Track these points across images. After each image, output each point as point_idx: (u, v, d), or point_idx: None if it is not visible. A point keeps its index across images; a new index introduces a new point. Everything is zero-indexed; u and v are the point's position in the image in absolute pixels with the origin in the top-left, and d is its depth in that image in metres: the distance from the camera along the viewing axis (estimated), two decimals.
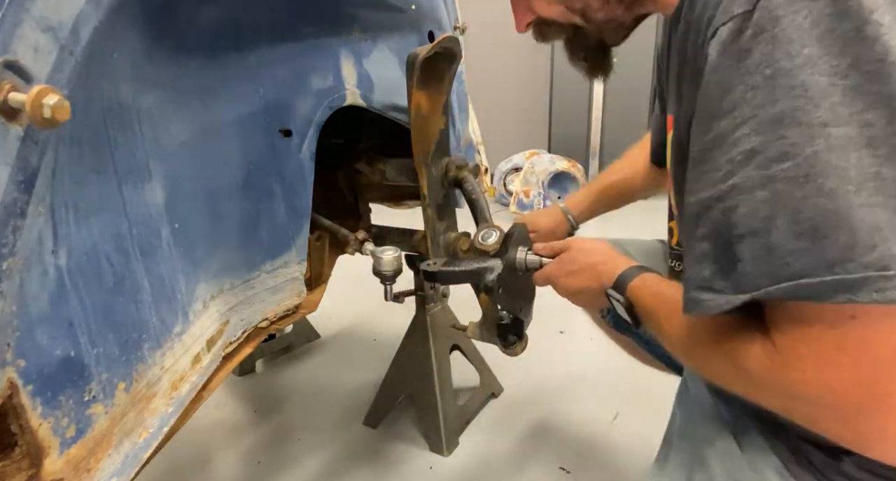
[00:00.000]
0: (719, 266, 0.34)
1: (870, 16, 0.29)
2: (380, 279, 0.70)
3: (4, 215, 0.31)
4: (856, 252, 0.28)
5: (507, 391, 1.15)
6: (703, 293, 0.35)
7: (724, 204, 0.34)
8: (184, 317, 0.49)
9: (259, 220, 0.59)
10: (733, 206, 0.33)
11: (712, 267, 0.35)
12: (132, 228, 0.44)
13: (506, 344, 0.78)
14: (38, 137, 0.33)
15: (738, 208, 0.33)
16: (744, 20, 0.32)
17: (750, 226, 0.32)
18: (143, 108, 0.45)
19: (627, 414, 1.05)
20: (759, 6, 0.32)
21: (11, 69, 0.30)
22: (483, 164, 1.07)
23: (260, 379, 1.28)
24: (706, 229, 0.35)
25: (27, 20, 0.31)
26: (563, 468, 0.89)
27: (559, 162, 3.34)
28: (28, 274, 0.34)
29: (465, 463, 0.92)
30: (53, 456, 0.36)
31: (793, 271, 0.30)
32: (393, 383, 1.03)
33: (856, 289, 0.28)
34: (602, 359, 1.30)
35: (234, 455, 0.98)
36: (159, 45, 0.46)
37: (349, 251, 0.85)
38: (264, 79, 0.57)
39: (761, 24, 0.32)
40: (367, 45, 0.72)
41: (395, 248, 0.69)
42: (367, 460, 0.94)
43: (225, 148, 0.54)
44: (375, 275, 0.69)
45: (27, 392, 0.34)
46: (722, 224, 0.34)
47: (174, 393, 0.48)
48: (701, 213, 0.36)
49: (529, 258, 0.65)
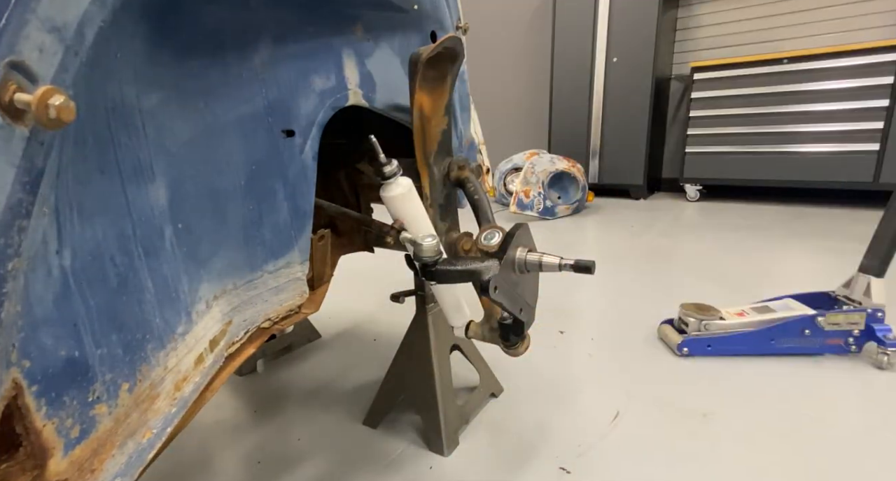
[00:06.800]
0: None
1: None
2: (420, 268, 0.67)
3: (10, 216, 0.31)
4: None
5: (507, 391, 1.16)
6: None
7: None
8: (187, 317, 0.49)
9: (262, 221, 0.59)
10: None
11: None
12: (136, 228, 0.44)
13: (507, 344, 0.78)
14: (44, 138, 0.33)
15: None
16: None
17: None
18: (147, 108, 0.45)
19: (627, 414, 1.05)
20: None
21: (17, 69, 0.30)
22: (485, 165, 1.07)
23: (261, 379, 1.28)
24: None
25: (32, 21, 0.31)
26: (563, 468, 0.89)
27: (559, 162, 3.35)
28: (32, 274, 0.34)
29: (465, 463, 0.92)
30: (58, 457, 0.36)
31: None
32: (393, 383, 1.03)
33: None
34: (602, 359, 1.30)
35: (234, 455, 0.98)
36: (163, 46, 0.46)
37: (388, 242, 0.83)
38: (267, 79, 0.57)
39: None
40: (370, 46, 0.72)
41: (433, 235, 0.68)
42: (367, 460, 0.94)
43: (228, 148, 0.54)
44: (416, 260, 0.66)
45: (32, 393, 0.34)
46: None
47: (177, 393, 0.48)
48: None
49: (529, 258, 0.65)
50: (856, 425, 1.00)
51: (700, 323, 1.31)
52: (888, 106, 2.96)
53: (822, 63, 3.08)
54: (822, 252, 2.25)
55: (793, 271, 1.99)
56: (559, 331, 1.48)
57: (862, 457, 0.90)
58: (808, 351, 1.27)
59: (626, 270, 2.07)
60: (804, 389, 1.13)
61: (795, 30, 3.48)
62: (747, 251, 2.30)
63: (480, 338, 0.84)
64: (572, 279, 1.94)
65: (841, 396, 1.10)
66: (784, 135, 3.28)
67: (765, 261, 2.13)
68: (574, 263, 0.61)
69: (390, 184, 0.70)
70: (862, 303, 1.27)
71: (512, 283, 0.64)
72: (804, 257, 2.18)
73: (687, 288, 1.83)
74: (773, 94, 3.27)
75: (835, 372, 1.20)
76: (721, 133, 3.50)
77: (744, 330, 1.29)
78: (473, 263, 0.62)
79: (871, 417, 1.02)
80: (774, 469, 0.88)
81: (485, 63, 4.97)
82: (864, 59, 2.96)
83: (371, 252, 1.16)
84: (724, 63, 3.38)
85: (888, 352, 1.20)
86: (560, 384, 1.18)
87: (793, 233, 2.62)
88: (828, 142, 3.16)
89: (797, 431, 0.98)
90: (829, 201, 3.54)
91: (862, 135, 3.05)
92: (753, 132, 3.38)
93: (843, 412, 1.04)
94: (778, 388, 1.14)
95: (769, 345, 1.27)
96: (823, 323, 1.24)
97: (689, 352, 1.30)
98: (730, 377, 1.19)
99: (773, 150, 3.33)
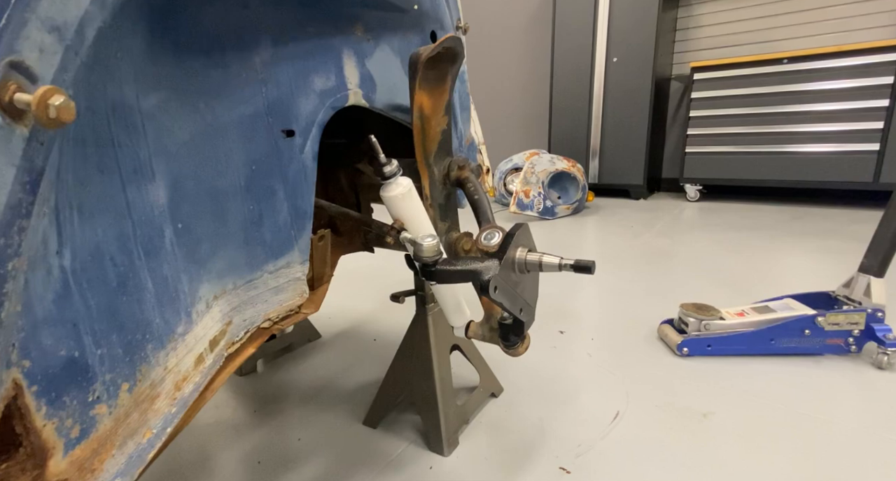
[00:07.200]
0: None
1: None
2: (420, 268, 0.67)
3: (10, 216, 0.31)
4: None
5: (507, 391, 1.16)
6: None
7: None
8: (187, 317, 0.49)
9: (262, 221, 0.59)
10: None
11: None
12: (136, 228, 0.44)
13: (507, 344, 0.78)
14: (44, 138, 0.33)
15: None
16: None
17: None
18: (147, 108, 0.45)
19: (627, 414, 1.05)
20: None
21: (17, 69, 0.30)
22: (485, 165, 1.07)
23: (260, 378, 1.28)
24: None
25: (32, 20, 0.31)
26: (563, 468, 0.89)
27: (559, 162, 3.35)
28: (33, 274, 0.34)
29: (465, 463, 0.92)
30: (58, 457, 0.36)
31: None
32: (393, 383, 1.03)
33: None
34: (602, 359, 1.30)
35: (234, 455, 0.98)
36: (163, 46, 0.46)
37: (388, 242, 0.83)
38: (267, 79, 0.57)
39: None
40: (370, 45, 0.72)
41: (433, 235, 0.68)
42: (367, 460, 0.94)
43: (228, 148, 0.54)
44: (416, 260, 0.66)
45: (32, 393, 0.34)
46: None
47: (177, 393, 0.48)
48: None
49: (529, 258, 0.65)
50: (856, 425, 1.00)
51: (700, 323, 1.31)
52: (888, 106, 2.96)
53: (822, 63, 3.08)
54: (822, 252, 2.25)
55: (793, 271, 1.99)
56: (559, 331, 1.48)
57: (862, 457, 0.90)
58: (808, 351, 1.27)
59: (626, 270, 2.07)
60: (804, 389, 1.13)
61: (795, 30, 3.48)
62: (747, 251, 2.30)
63: (480, 338, 0.84)
64: (572, 279, 1.94)
65: (841, 396, 1.10)
66: (784, 136, 3.28)
67: (765, 261, 2.13)
68: (574, 263, 0.61)
69: (390, 183, 0.70)
70: (862, 303, 1.27)
71: (512, 283, 0.64)
72: (804, 257, 2.18)
73: (687, 288, 1.83)
74: (773, 94, 3.27)
75: (835, 372, 1.20)
76: (721, 133, 3.50)
77: (744, 330, 1.29)
78: (473, 263, 0.62)
79: (871, 417, 1.02)
80: (774, 469, 0.88)
81: (485, 63, 4.97)
82: (864, 59, 2.96)
83: (371, 252, 1.16)
84: (724, 63, 3.38)
85: (888, 351, 1.20)
86: (560, 384, 1.18)
87: (793, 233, 2.62)
88: (828, 142, 3.16)
89: (797, 431, 0.98)
90: (829, 201, 3.54)
91: (862, 135, 3.05)
92: (753, 132, 3.38)
93: (843, 412, 1.04)
94: (778, 388, 1.14)
95: (769, 344, 1.27)
96: (823, 323, 1.24)
97: (689, 351, 1.30)
98: (730, 377, 1.19)
99: (773, 150, 3.33)
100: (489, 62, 4.94)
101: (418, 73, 0.65)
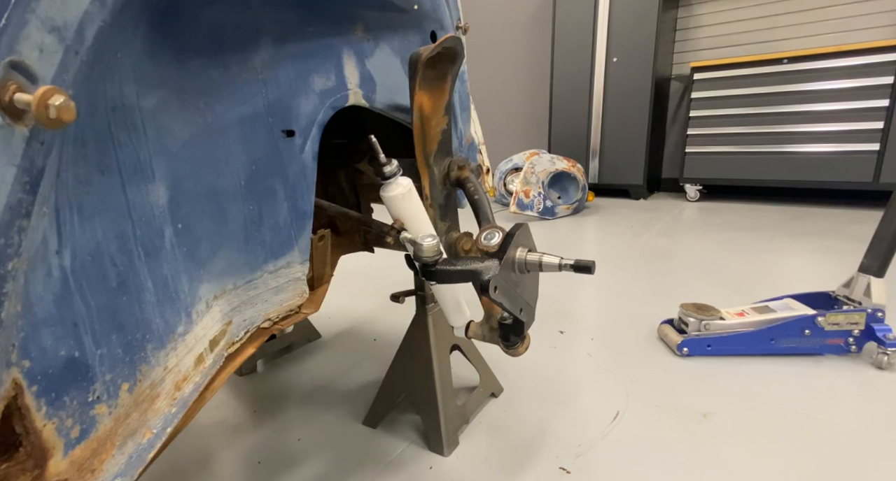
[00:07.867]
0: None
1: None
2: (420, 268, 0.67)
3: (10, 216, 0.31)
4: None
5: (507, 391, 1.16)
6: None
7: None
8: (187, 317, 0.49)
9: (262, 221, 0.59)
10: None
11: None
12: (136, 229, 0.44)
13: (507, 344, 0.78)
14: (44, 138, 0.33)
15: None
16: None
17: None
18: (147, 108, 0.45)
19: (627, 414, 1.05)
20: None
21: (17, 69, 0.30)
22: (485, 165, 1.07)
23: (261, 378, 1.28)
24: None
25: (32, 20, 0.31)
26: (563, 468, 0.89)
27: (559, 162, 3.35)
28: (33, 274, 0.34)
29: (465, 463, 0.92)
30: (58, 457, 0.36)
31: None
32: (393, 383, 1.03)
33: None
34: (602, 359, 1.30)
35: (234, 455, 0.98)
36: (163, 46, 0.46)
37: (388, 242, 0.83)
38: (267, 79, 0.57)
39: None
40: (370, 46, 0.72)
41: (433, 235, 0.68)
42: (367, 460, 0.94)
43: (228, 148, 0.54)
44: (416, 260, 0.66)
45: (32, 393, 0.34)
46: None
47: (177, 393, 0.48)
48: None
49: (529, 258, 0.65)
50: (856, 425, 1.00)
51: (700, 323, 1.31)
52: (888, 106, 2.95)
53: (822, 63, 3.08)
54: (822, 252, 2.25)
55: (793, 271, 1.99)
56: (559, 331, 1.48)
57: (862, 457, 0.90)
58: (808, 351, 1.27)
59: (626, 270, 2.07)
60: (804, 389, 1.13)
61: (795, 30, 3.48)
62: (747, 251, 2.30)
63: (480, 338, 0.84)
64: (572, 279, 1.94)
65: (841, 396, 1.10)
66: (784, 136, 3.28)
67: (765, 261, 2.13)
68: (574, 263, 0.61)
69: (390, 183, 0.70)
70: (862, 303, 1.27)
71: (512, 283, 0.64)
72: (804, 257, 2.18)
73: (687, 288, 1.83)
74: (772, 94, 3.26)
75: (835, 372, 1.20)
76: (721, 133, 3.50)
77: (744, 330, 1.29)
78: (473, 263, 0.62)
79: (871, 417, 1.02)
80: (774, 469, 0.88)
81: (485, 63, 4.97)
82: (864, 59, 2.96)
83: (371, 252, 1.16)
84: (724, 63, 3.38)
85: (888, 351, 1.20)
86: (560, 384, 1.18)
87: (793, 233, 2.62)
88: (828, 142, 3.16)
89: (797, 431, 0.98)
90: (829, 201, 3.54)
91: (862, 135, 3.05)
92: (753, 132, 3.38)
93: (843, 412, 1.04)
94: (778, 388, 1.14)
95: (769, 344, 1.27)
96: (823, 323, 1.24)
97: (689, 351, 1.30)
98: (730, 377, 1.19)
99: (773, 150, 3.33)
100: (489, 62, 4.94)
101: (418, 73, 0.65)
